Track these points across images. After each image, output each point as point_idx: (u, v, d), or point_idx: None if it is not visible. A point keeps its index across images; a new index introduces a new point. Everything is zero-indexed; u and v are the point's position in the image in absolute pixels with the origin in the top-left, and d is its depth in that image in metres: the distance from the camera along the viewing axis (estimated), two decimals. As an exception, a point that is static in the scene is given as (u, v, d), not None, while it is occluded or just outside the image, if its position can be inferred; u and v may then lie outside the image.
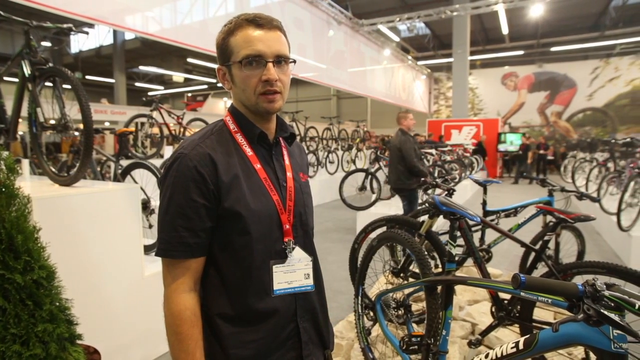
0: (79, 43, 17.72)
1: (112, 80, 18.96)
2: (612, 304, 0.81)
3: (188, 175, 0.88)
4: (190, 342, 0.89)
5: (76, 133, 2.74)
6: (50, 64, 2.44)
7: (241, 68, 0.92)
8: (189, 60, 18.31)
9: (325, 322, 1.08)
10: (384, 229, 2.52)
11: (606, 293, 0.82)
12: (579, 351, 2.14)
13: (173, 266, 0.91)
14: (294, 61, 0.97)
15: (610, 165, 7.22)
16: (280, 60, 0.94)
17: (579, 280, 0.88)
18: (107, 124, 15.13)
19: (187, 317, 0.89)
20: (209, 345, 0.94)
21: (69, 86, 2.29)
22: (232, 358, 0.92)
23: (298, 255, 1.00)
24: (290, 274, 0.98)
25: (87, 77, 20.21)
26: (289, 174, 1.02)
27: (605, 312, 0.80)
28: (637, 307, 0.79)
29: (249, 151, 0.98)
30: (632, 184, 4.83)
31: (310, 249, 1.04)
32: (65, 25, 2.55)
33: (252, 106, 0.96)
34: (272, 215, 0.96)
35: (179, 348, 0.89)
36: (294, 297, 0.98)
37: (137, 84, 22.45)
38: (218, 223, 0.92)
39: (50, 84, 2.39)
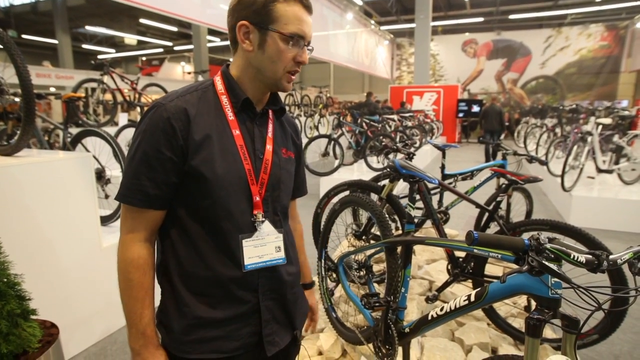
0: (8, -4, 15.68)
1: (55, 41, 17.34)
2: (552, 256, 0.88)
3: (160, 125, 0.87)
4: (140, 290, 0.90)
5: (16, 99, 2.52)
6: None
7: (284, 41, 0.91)
8: (142, 21, 17.02)
9: (295, 302, 1.08)
10: (347, 193, 2.57)
11: (548, 246, 0.89)
12: (523, 300, 2.35)
13: (132, 213, 0.91)
14: (312, 49, 0.98)
15: (558, 130, 7.66)
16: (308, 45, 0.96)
17: (526, 237, 0.95)
18: (52, 89, 13.97)
19: (139, 265, 0.90)
20: (164, 299, 0.96)
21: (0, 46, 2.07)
22: (183, 314, 0.93)
23: (267, 229, 0.98)
24: (261, 248, 0.97)
25: (24, 36, 18.35)
26: (269, 147, 0.99)
27: (546, 263, 0.87)
28: (571, 257, 0.87)
29: (230, 115, 0.95)
30: (575, 147, 5.15)
31: (279, 227, 1.02)
32: None
33: (271, 79, 0.95)
34: (240, 184, 0.93)
35: (129, 294, 0.90)
36: (257, 273, 0.97)
37: (85, 46, 20.70)
38: (183, 181, 0.91)
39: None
